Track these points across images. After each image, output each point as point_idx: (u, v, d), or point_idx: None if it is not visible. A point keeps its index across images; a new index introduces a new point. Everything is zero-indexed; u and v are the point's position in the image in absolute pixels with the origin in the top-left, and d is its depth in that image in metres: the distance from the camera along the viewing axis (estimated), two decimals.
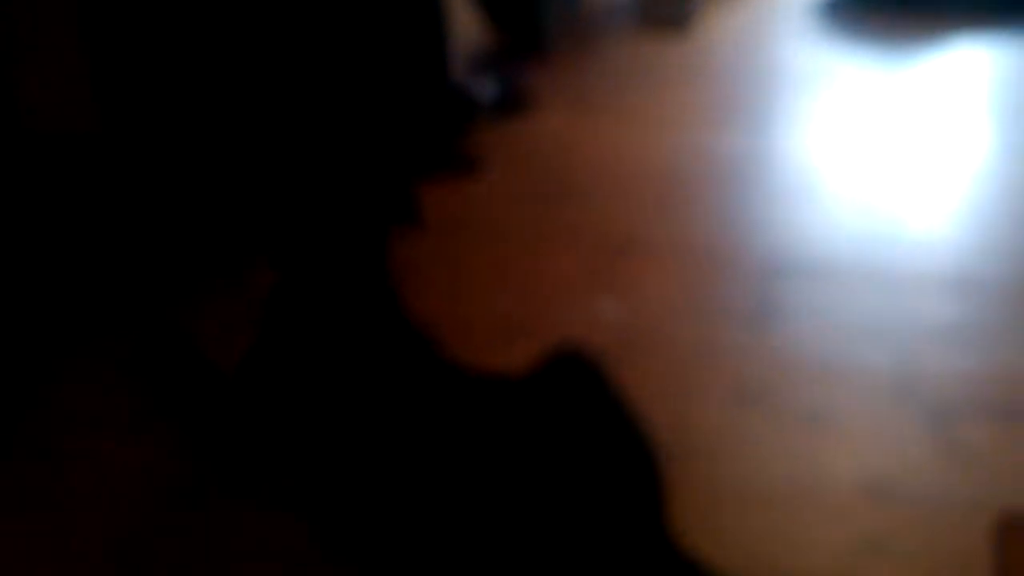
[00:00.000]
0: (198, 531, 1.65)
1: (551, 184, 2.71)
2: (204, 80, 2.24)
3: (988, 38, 3.58)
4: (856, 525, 1.62)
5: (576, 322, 2.14)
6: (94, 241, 2.33)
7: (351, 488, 1.57)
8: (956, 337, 2.06)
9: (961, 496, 1.68)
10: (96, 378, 2.00)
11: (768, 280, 2.25)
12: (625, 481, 1.50)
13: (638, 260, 2.35)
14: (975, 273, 2.26)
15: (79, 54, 2.22)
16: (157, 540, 1.63)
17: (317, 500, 1.64)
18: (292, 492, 1.68)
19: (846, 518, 1.64)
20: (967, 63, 3.41)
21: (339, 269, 1.88)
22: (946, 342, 2.04)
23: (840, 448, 1.79)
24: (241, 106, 2.27)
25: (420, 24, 2.66)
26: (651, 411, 1.86)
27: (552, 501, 1.42)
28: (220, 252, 2.35)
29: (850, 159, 2.80)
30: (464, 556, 1.40)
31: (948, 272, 2.27)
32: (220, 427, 1.81)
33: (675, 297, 2.21)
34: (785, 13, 3.92)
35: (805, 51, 3.58)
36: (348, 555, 1.55)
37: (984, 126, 2.98)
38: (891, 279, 2.24)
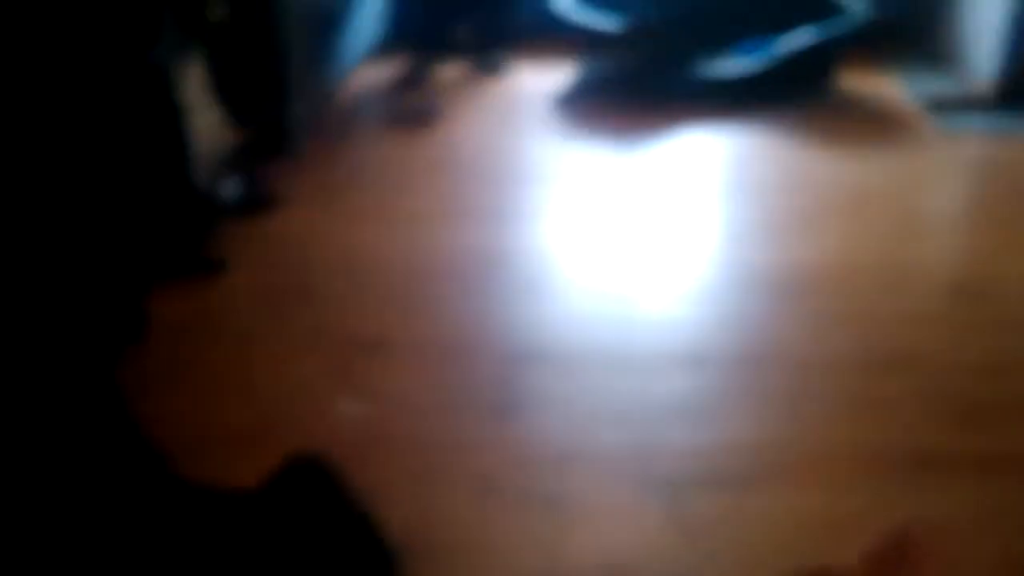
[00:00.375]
0: None
1: (296, 284, 2.70)
2: None
3: (714, 126, 3.86)
4: None
5: (318, 426, 2.12)
6: None
7: None
8: (688, 412, 2.18)
9: (688, 571, 1.76)
10: None
11: (510, 372, 2.31)
12: None
13: (382, 359, 2.36)
14: (704, 348, 2.41)
15: None
16: None
17: None
18: None
19: None
20: (694, 149, 3.66)
21: (64, 386, 1.79)
22: (679, 417, 2.16)
23: (580, 533, 1.84)
24: None
25: (158, 130, 2.61)
26: (395, 509, 1.86)
27: None
28: None
29: (585, 247, 2.94)
30: None
31: (678, 349, 2.41)
32: None
33: (419, 394, 2.23)
34: (524, 109, 4.09)
35: (544, 144, 3.75)
36: None
37: (710, 207, 3.21)
38: (625, 360, 2.35)
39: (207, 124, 2.90)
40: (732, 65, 4.04)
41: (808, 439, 2.10)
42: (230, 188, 3.02)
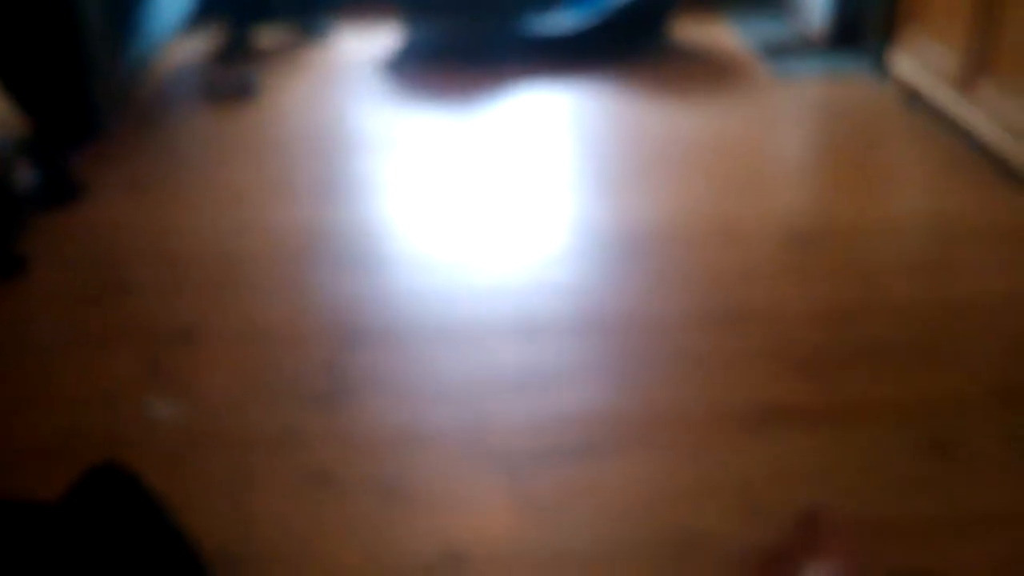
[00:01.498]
0: None
1: (105, 279, 2.52)
2: None
3: (548, 85, 3.80)
4: None
5: (132, 430, 1.97)
6: None
7: None
8: (525, 384, 2.11)
9: (537, 549, 1.70)
10: None
11: (337, 355, 2.20)
12: None
13: (198, 352, 2.22)
14: (540, 316, 2.34)
15: None
16: None
17: None
18: None
19: None
20: (529, 109, 3.60)
21: None
22: (516, 390, 2.09)
23: (420, 520, 1.75)
24: None
25: None
26: (217, 514, 1.76)
27: None
28: None
29: (419, 217, 2.84)
30: None
31: (514, 318, 2.33)
32: None
33: (239, 387, 2.10)
34: (350, 76, 3.96)
35: (373, 112, 3.63)
36: None
37: (545, 169, 3.14)
38: (458, 334, 2.27)
39: None
40: (563, 20, 3.99)
41: (650, 403, 2.05)
42: (27, 179, 2.80)
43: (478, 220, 2.81)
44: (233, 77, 3.78)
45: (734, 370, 2.15)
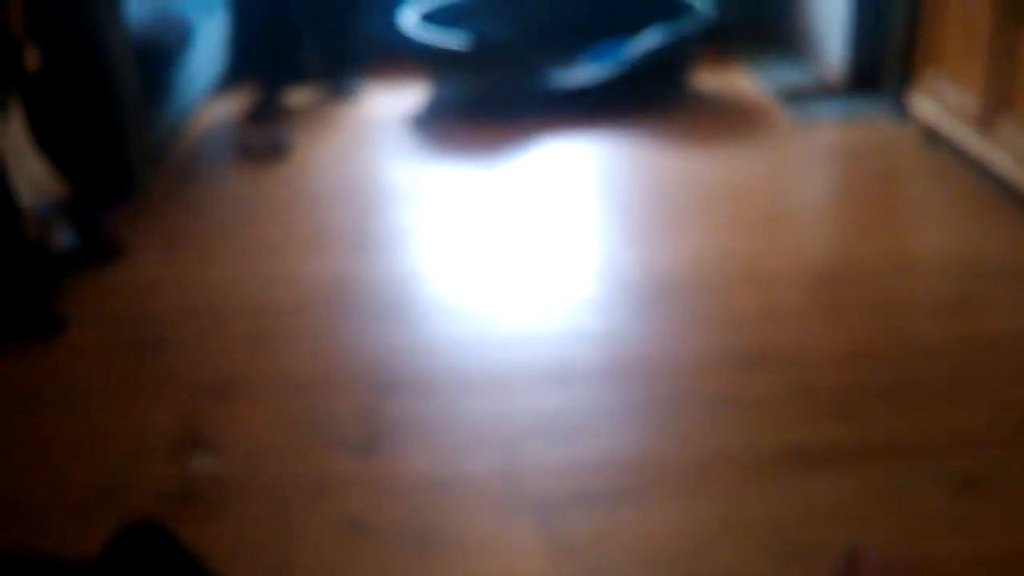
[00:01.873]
0: None
1: (142, 334, 2.57)
2: None
3: (572, 136, 3.86)
4: None
5: (169, 484, 2.01)
6: None
7: None
8: (555, 427, 2.14)
9: None
10: None
11: (371, 403, 2.24)
12: None
13: (235, 403, 2.26)
14: (569, 363, 2.37)
15: None
16: None
17: None
18: None
19: None
20: (554, 161, 3.66)
21: None
22: (546, 436, 2.12)
23: (454, 566, 1.78)
24: None
25: None
26: (257, 563, 1.79)
27: None
28: None
29: (448, 268, 2.89)
30: None
31: (543, 365, 2.37)
32: None
33: (274, 436, 2.14)
34: (380, 133, 4.04)
35: (402, 167, 3.70)
36: None
37: (572, 219, 3.19)
38: (489, 381, 2.31)
39: (34, 176, 2.77)
40: (584, 73, 4.05)
41: (680, 447, 2.08)
42: (66, 240, 2.88)
43: (507, 270, 2.86)
44: (265, 136, 3.86)
45: (761, 412, 2.17)
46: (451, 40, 3.99)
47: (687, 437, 2.11)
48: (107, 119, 3.23)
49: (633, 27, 4.08)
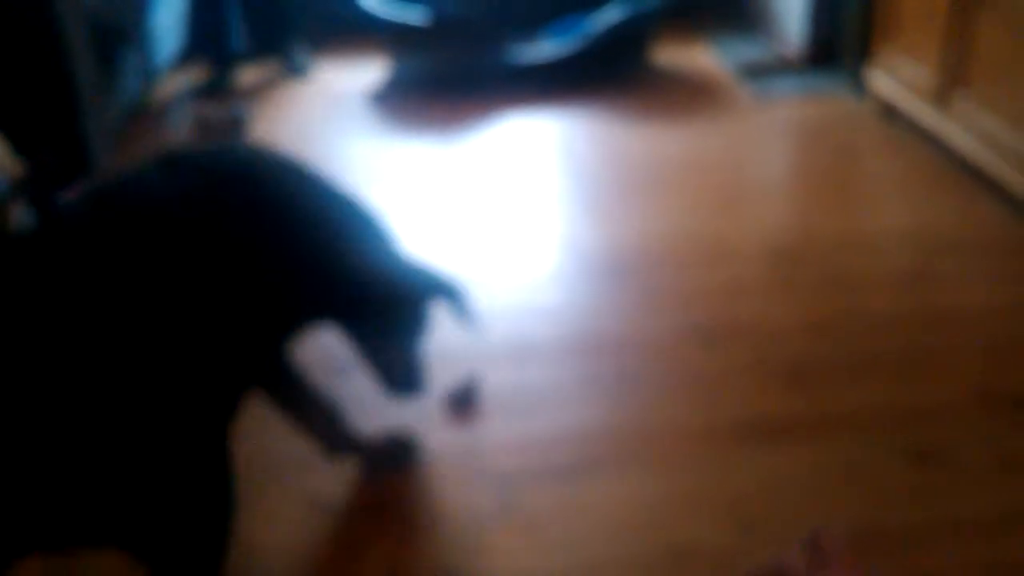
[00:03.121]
0: None
1: None
2: None
3: (533, 112, 3.85)
4: None
5: None
6: None
7: None
8: (517, 403, 2.14)
9: (531, 567, 1.72)
10: None
11: (334, 380, 2.22)
12: None
13: None
14: (530, 338, 2.38)
15: None
16: None
17: None
18: None
19: None
20: (515, 136, 3.65)
21: None
22: (507, 411, 2.12)
23: (416, 539, 1.78)
24: None
25: None
26: None
27: None
28: None
29: (408, 244, 2.86)
30: None
31: (504, 341, 2.37)
32: None
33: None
34: (339, 109, 4.01)
35: (361, 143, 3.67)
36: None
37: (533, 194, 3.18)
38: (451, 356, 2.29)
39: None
40: (545, 48, 4.04)
41: (641, 421, 2.09)
42: (22, 219, 2.83)
43: (469, 245, 2.85)
44: (222, 112, 3.81)
45: (723, 386, 2.18)
46: (411, 15, 3.96)
47: (648, 411, 2.12)
48: (61, 95, 3.17)
49: (593, 3, 4.08)
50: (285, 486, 1.92)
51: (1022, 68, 2.75)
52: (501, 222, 2.99)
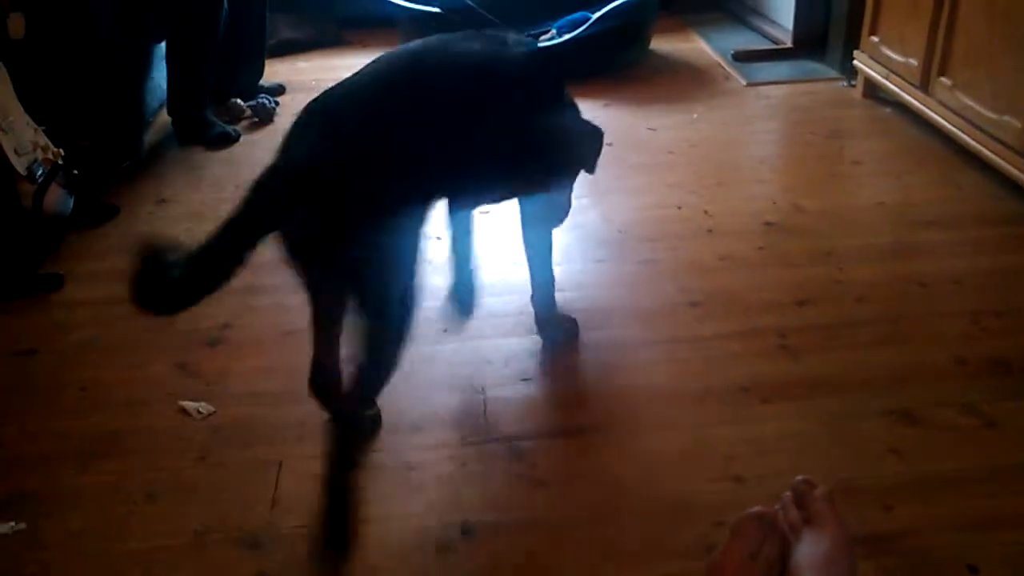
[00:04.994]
0: None
1: None
2: None
3: None
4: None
5: (163, 428, 2.02)
6: None
7: None
8: (524, 370, 2.15)
9: (539, 517, 1.74)
10: None
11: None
12: None
13: (230, 352, 2.27)
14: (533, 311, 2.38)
15: None
16: None
17: None
18: None
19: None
20: None
21: None
22: (515, 377, 2.13)
23: (435, 496, 1.80)
24: None
25: None
26: (246, 496, 1.80)
27: None
28: None
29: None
30: None
31: (511, 312, 2.38)
32: None
33: (268, 383, 2.15)
34: None
35: None
36: None
37: None
38: (462, 328, 2.31)
39: (26, 141, 2.73)
40: (551, 41, 4.03)
41: (638, 385, 2.10)
42: (61, 202, 2.85)
43: (479, 224, 2.85)
44: (251, 102, 3.82)
45: (715, 351, 2.19)
46: (424, 4, 3.96)
47: (645, 375, 2.13)
48: (102, 86, 3.18)
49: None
50: (308, 450, 1.93)
51: (1000, 53, 2.75)
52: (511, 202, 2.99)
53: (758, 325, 2.27)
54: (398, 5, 4.06)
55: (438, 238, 2.46)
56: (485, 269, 2.57)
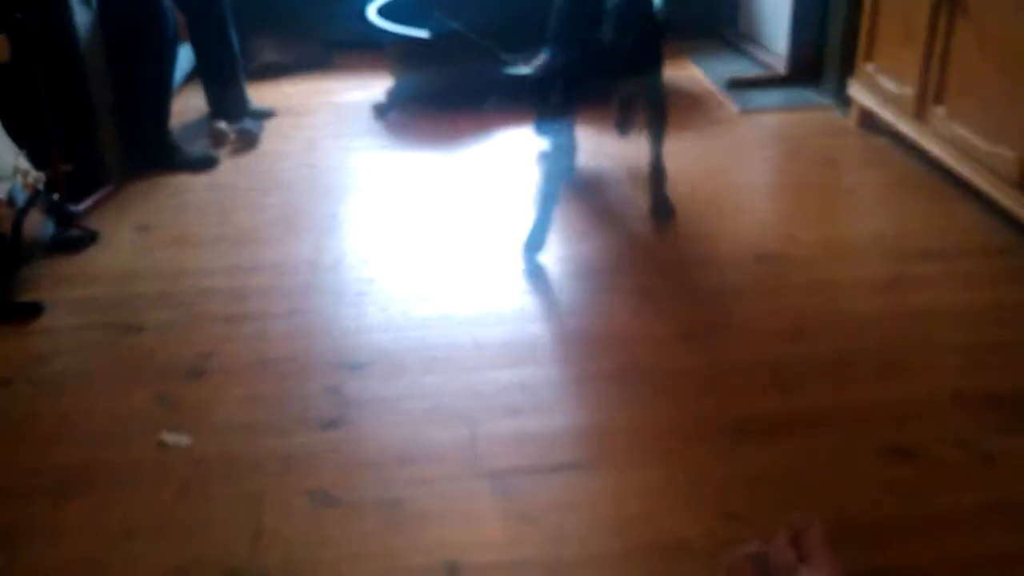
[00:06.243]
0: None
1: (119, 318, 2.55)
2: None
3: (527, 125, 3.86)
4: None
5: (145, 461, 2.00)
6: None
7: None
8: (513, 402, 2.15)
9: (529, 558, 1.73)
10: None
11: (337, 381, 2.23)
12: None
13: (211, 383, 2.25)
14: (526, 340, 2.38)
15: None
16: None
17: None
18: None
19: None
20: (511, 149, 3.66)
21: None
22: (505, 408, 2.12)
23: (420, 534, 1.78)
24: None
25: None
26: (227, 530, 1.79)
27: None
28: None
29: (409, 250, 2.88)
30: None
31: (501, 341, 2.38)
32: None
33: (249, 414, 2.13)
34: (346, 121, 4.03)
35: (368, 154, 3.68)
36: None
37: (527, 203, 3.19)
38: (450, 359, 2.31)
39: (6, 164, 2.72)
40: (541, 61, 4.05)
41: (631, 418, 2.09)
42: (40, 228, 2.84)
43: (472, 252, 2.86)
44: (235, 126, 3.83)
45: (709, 384, 2.19)
46: (414, 31, 3.98)
47: (638, 409, 2.13)
48: (80, 114, 3.19)
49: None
50: (292, 482, 1.92)
51: (993, 84, 2.77)
52: (499, 229, 3.00)
53: (753, 358, 2.27)
54: (386, 30, 4.08)
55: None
56: (473, 301, 2.58)
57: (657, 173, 3.05)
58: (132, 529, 1.81)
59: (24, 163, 2.72)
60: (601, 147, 3.61)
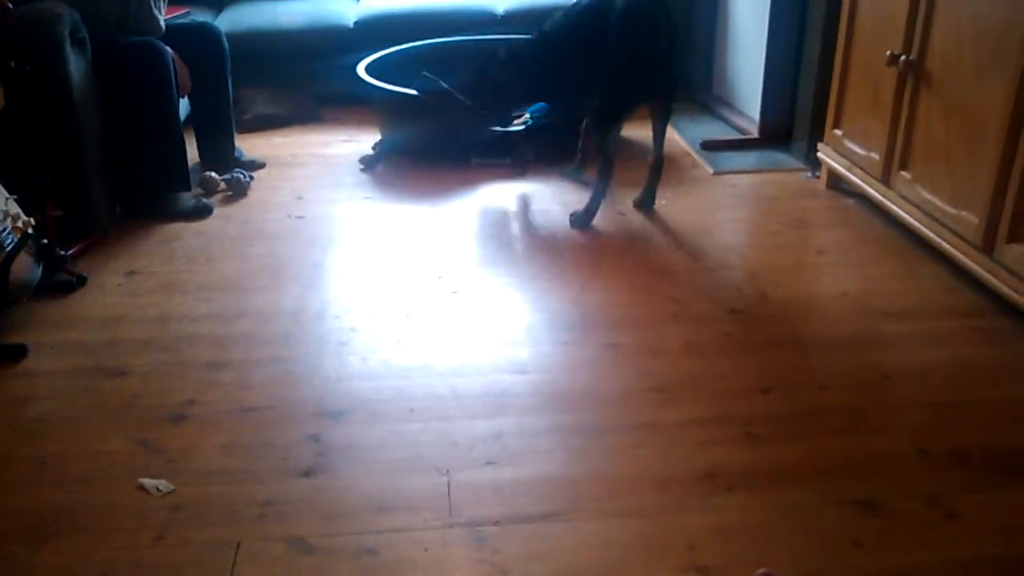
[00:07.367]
0: None
1: (103, 362, 2.52)
2: None
3: (510, 181, 3.89)
4: None
5: (125, 506, 1.97)
6: None
7: None
8: (490, 453, 2.13)
9: None
10: None
11: (316, 429, 2.21)
12: None
13: (192, 429, 2.22)
14: (502, 391, 2.37)
15: None
16: None
17: None
18: None
19: None
20: (491, 203, 3.68)
21: None
22: (481, 460, 2.11)
23: None
24: None
25: None
26: None
27: None
28: None
29: (394, 301, 2.87)
30: None
31: (478, 393, 2.36)
32: None
33: (229, 460, 2.10)
34: (334, 172, 4.04)
35: (353, 206, 3.68)
36: None
37: (505, 259, 3.19)
38: (427, 409, 2.29)
39: None
40: (526, 122, 4.09)
41: (603, 469, 2.08)
42: (28, 272, 2.81)
43: (450, 303, 2.85)
44: (226, 175, 3.83)
45: (680, 438, 2.18)
46: (399, 88, 4.01)
47: (609, 461, 2.11)
48: (73, 153, 3.18)
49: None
50: (269, 529, 1.89)
51: (956, 150, 2.81)
52: (477, 283, 3.00)
53: (723, 412, 2.27)
54: (375, 86, 4.11)
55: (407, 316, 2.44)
56: (452, 352, 2.57)
57: (657, 166, 3.58)
58: (109, 574, 1.78)
59: (14, 207, 2.70)
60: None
